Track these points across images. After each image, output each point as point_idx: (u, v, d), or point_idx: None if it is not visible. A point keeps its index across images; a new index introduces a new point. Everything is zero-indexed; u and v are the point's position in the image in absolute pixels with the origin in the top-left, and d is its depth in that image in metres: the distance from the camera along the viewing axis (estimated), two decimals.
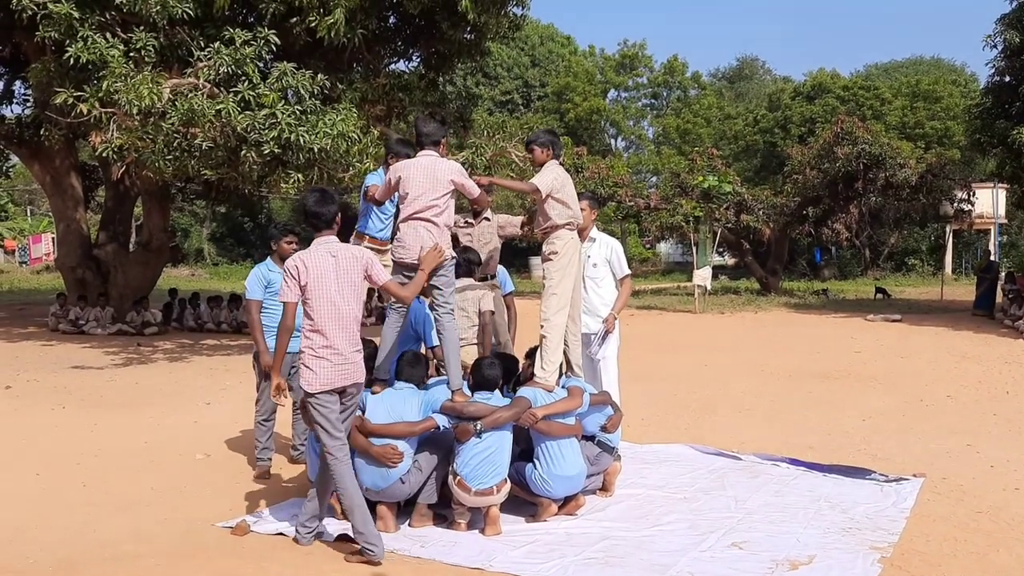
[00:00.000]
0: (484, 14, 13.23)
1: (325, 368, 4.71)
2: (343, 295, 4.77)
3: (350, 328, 4.80)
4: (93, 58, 10.78)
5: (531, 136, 6.16)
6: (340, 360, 4.73)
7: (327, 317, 4.73)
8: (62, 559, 4.71)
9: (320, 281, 4.73)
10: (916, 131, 40.40)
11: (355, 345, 4.83)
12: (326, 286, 4.74)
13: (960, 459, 6.74)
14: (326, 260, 4.78)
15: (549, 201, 5.74)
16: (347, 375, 4.77)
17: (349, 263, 4.83)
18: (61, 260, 17.86)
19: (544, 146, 5.88)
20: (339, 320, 4.75)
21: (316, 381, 4.71)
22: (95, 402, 9.27)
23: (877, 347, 13.81)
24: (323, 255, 4.79)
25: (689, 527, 5.11)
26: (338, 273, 4.78)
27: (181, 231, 39.28)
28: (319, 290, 4.73)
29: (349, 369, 4.77)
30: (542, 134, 6.04)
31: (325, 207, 4.90)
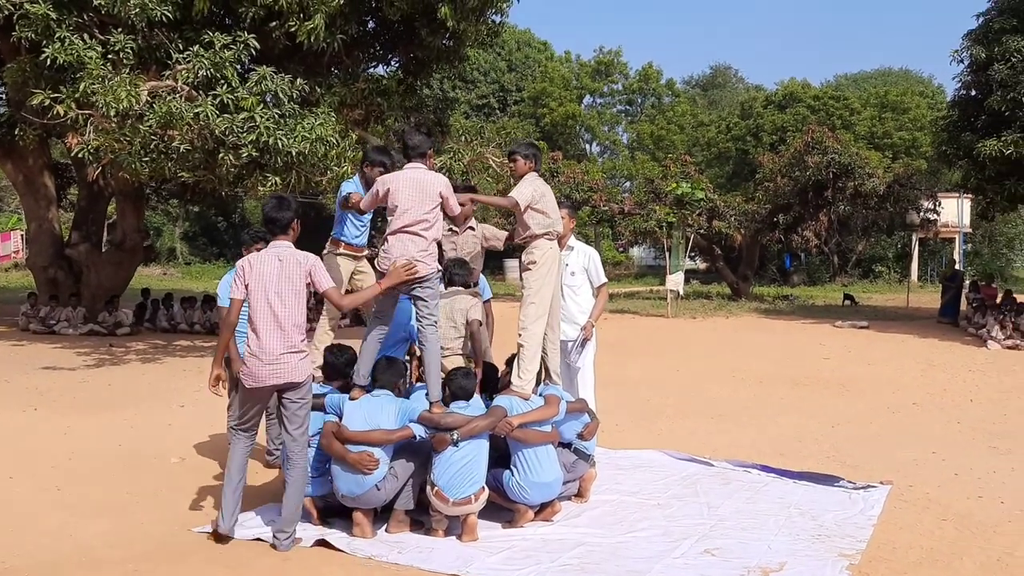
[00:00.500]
0: (463, 21, 13.30)
1: (256, 366, 4.92)
2: (282, 298, 4.94)
3: (286, 330, 4.94)
4: (70, 59, 10.70)
5: (515, 146, 6.20)
6: (270, 360, 4.91)
7: (261, 318, 4.94)
8: (37, 564, 4.69)
9: (260, 282, 4.95)
10: (884, 141, 41.05)
11: (290, 347, 4.96)
12: (265, 288, 4.94)
13: (926, 467, 6.92)
14: (271, 263, 4.98)
15: (528, 211, 5.82)
16: (278, 374, 4.93)
17: (293, 268, 4.99)
18: (32, 259, 17.65)
19: (527, 158, 5.95)
20: (274, 322, 4.93)
21: (250, 379, 4.96)
22: (68, 404, 9.20)
23: (845, 353, 14.06)
24: (270, 258, 5.00)
25: (663, 534, 5.21)
26: (280, 276, 4.95)
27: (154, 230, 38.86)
28: (258, 291, 4.95)
29: (280, 369, 4.93)
30: (526, 146, 6.09)
31: (281, 213, 5.10)
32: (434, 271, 5.47)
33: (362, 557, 4.82)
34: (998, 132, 16.13)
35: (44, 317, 15.89)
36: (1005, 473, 6.74)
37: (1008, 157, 15.76)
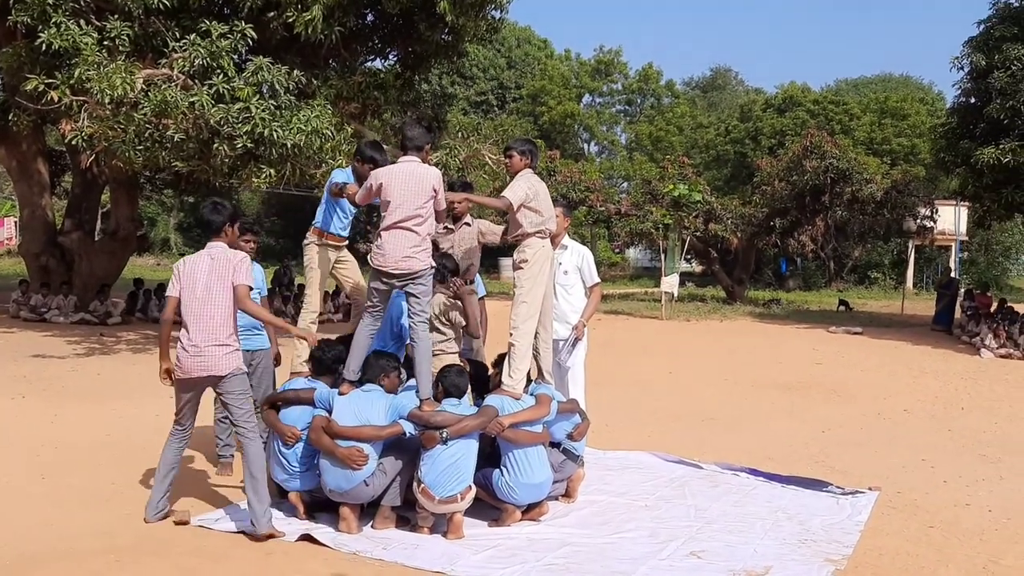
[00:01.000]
0: (462, 16, 13.24)
1: (184, 358, 5.15)
2: (211, 293, 5.16)
3: (213, 325, 5.16)
4: (66, 45, 10.65)
5: (511, 142, 6.16)
6: (196, 352, 5.12)
7: (189, 313, 5.17)
8: (20, 554, 4.65)
9: (190, 279, 5.19)
10: (883, 147, 41.10)
11: (216, 341, 5.15)
12: (195, 284, 5.17)
13: (914, 473, 6.91)
14: (203, 262, 5.23)
15: (521, 210, 5.78)
16: (203, 366, 5.14)
17: (223, 265, 5.21)
18: (25, 246, 17.58)
19: (523, 154, 5.90)
20: (202, 316, 5.15)
21: (179, 370, 5.19)
22: (56, 392, 9.17)
23: (838, 359, 14.06)
24: (202, 257, 5.27)
25: (649, 535, 5.18)
26: (210, 273, 5.18)
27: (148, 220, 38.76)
28: (188, 288, 5.19)
29: (206, 362, 5.13)
30: (522, 142, 6.05)
31: (215, 216, 5.36)
32: (427, 267, 5.43)
33: (347, 553, 4.80)
34: (996, 140, 16.16)
35: (35, 305, 15.83)
36: (993, 481, 6.73)
37: (1006, 165, 15.79)
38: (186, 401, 5.33)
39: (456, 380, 5.39)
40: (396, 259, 5.35)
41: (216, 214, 5.36)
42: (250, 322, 6.34)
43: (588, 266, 6.79)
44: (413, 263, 5.35)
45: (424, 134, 5.76)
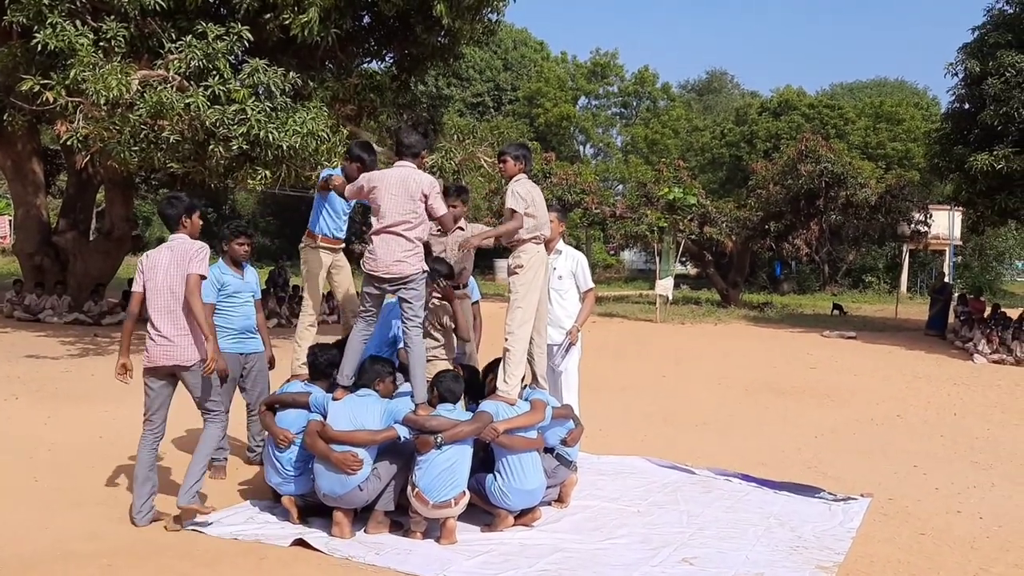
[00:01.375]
0: (458, 19, 13.25)
1: (151, 347, 5.31)
2: (170, 284, 5.28)
3: (176, 314, 5.28)
4: (62, 45, 10.61)
5: (505, 146, 6.16)
6: (164, 342, 5.28)
7: (154, 304, 5.30)
8: (13, 557, 4.65)
9: (152, 272, 5.33)
10: (878, 151, 41.23)
11: (181, 330, 5.29)
12: (156, 277, 5.31)
13: (906, 480, 6.93)
14: (163, 254, 5.36)
15: (517, 216, 5.79)
16: (168, 355, 5.29)
17: (181, 256, 5.31)
18: (19, 246, 17.53)
19: (517, 159, 5.91)
20: (165, 307, 5.28)
21: (146, 361, 5.35)
22: (50, 393, 9.15)
23: (832, 364, 14.09)
24: (163, 250, 5.41)
25: (642, 541, 5.19)
26: (170, 264, 5.30)
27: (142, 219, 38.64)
28: (151, 281, 5.32)
29: (171, 351, 5.28)
30: (516, 147, 6.05)
31: (170, 210, 5.50)
32: (418, 272, 5.43)
33: (339, 558, 4.80)
34: (990, 146, 16.20)
35: (29, 305, 15.79)
36: (985, 488, 6.76)
37: (999, 171, 15.83)
38: (155, 397, 5.44)
39: (451, 385, 5.41)
40: (387, 264, 5.36)
41: (171, 207, 5.49)
42: (244, 325, 6.37)
43: (583, 271, 6.81)
44: (404, 267, 5.36)
45: (420, 141, 5.78)
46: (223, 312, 6.27)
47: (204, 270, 5.33)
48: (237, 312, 6.34)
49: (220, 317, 6.22)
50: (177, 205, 5.51)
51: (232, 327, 6.30)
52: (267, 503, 5.69)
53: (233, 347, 6.29)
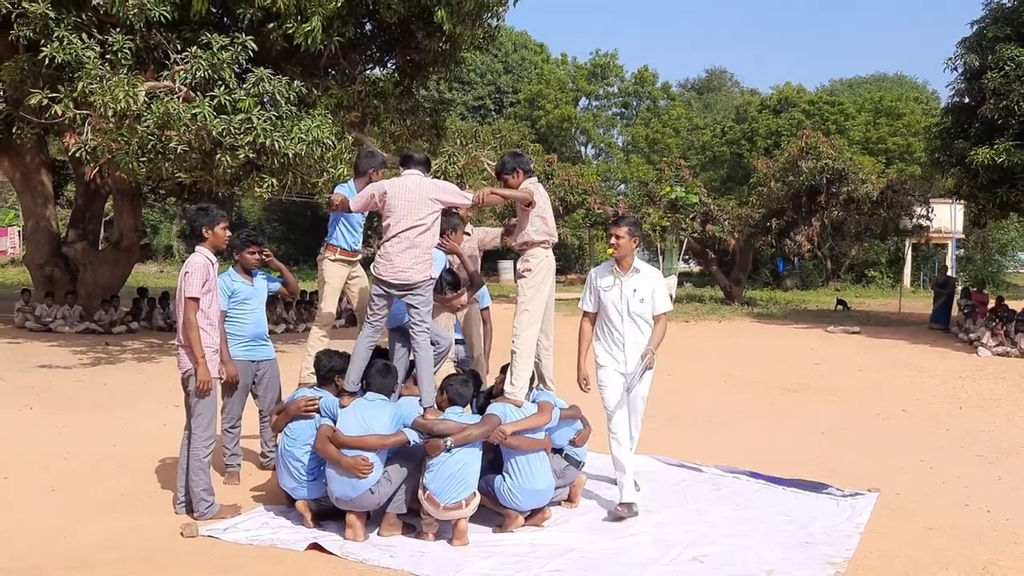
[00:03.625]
0: (459, 25, 13.32)
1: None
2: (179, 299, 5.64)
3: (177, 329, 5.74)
4: (69, 59, 10.72)
5: (499, 167, 6.13)
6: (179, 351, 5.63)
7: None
8: (30, 566, 4.72)
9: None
10: (878, 146, 41.18)
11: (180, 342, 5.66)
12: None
13: (914, 475, 6.99)
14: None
15: (531, 217, 5.85)
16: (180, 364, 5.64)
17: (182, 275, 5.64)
18: (29, 257, 17.63)
19: (512, 171, 5.92)
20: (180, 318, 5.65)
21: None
22: (63, 403, 9.24)
23: (836, 359, 14.14)
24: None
25: (653, 540, 5.26)
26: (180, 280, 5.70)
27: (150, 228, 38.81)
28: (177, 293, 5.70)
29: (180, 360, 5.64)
30: (509, 160, 6.04)
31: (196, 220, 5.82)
32: (426, 279, 5.51)
33: (354, 561, 4.88)
34: (991, 140, 16.24)
35: (40, 315, 15.90)
36: (991, 482, 6.81)
37: (1000, 165, 15.87)
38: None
39: (460, 389, 5.48)
40: (395, 270, 5.45)
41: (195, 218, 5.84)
42: (255, 332, 6.44)
43: (662, 292, 6.04)
44: (412, 274, 5.44)
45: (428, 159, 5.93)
46: (234, 319, 6.33)
47: (188, 291, 5.53)
48: (248, 319, 6.41)
49: (231, 324, 6.29)
50: (200, 217, 5.77)
51: (243, 334, 6.37)
52: (281, 508, 5.77)
53: (245, 354, 6.37)
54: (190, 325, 5.50)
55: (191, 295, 5.50)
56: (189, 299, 5.50)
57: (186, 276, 5.55)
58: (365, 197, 5.76)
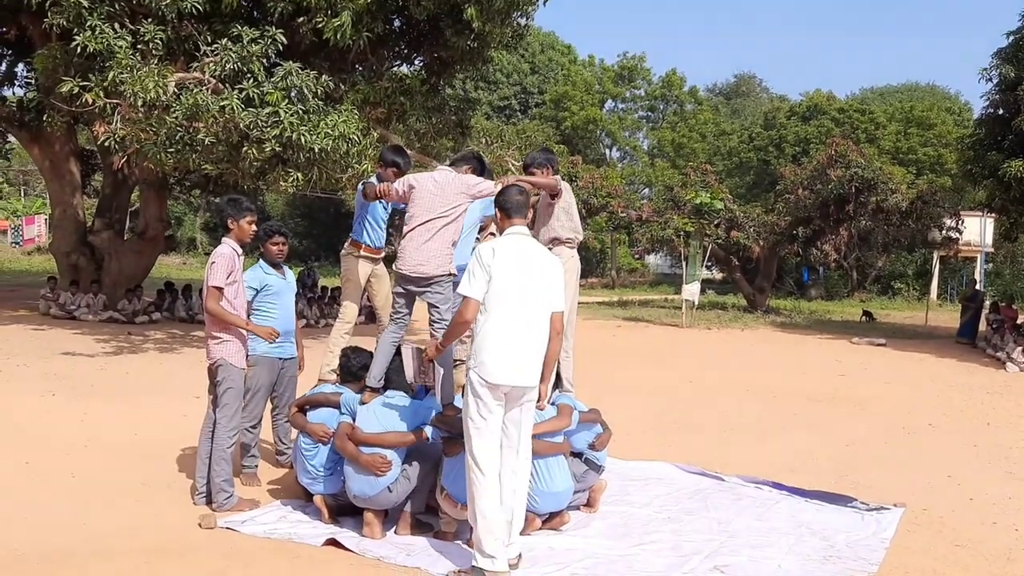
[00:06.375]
0: (489, 23, 13.28)
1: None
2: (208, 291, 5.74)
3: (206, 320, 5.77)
4: (100, 48, 10.79)
5: (527, 160, 6.10)
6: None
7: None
8: (50, 552, 4.72)
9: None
10: (909, 157, 40.79)
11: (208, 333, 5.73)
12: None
13: (941, 490, 6.85)
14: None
15: (556, 211, 5.78)
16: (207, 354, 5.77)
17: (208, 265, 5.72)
18: (56, 245, 17.82)
19: (541, 166, 5.87)
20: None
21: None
22: (86, 390, 9.28)
23: (862, 371, 13.95)
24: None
25: (672, 548, 5.17)
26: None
27: (175, 219, 39.15)
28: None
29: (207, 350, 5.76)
30: (539, 155, 5.99)
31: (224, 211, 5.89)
32: (444, 274, 5.45)
33: (371, 558, 4.84)
34: None
35: (64, 303, 16.05)
36: (1021, 499, 6.66)
37: None
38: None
39: None
40: (413, 263, 5.40)
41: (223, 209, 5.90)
42: (284, 328, 6.35)
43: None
44: (428, 268, 5.38)
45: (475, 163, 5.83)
46: (263, 313, 6.20)
47: (213, 280, 5.56)
48: (277, 314, 6.26)
49: (259, 318, 6.17)
50: (228, 207, 5.81)
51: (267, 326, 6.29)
52: (299, 502, 5.75)
53: (272, 351, 6.22)
54: (216, 312, 5.52)
55: (215, 284, 5.52)
56: (213, 288, 5.52)
57: (212, 266, 5.56)
58: (402, 188, 5.68)
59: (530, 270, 4.67)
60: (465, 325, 4.67)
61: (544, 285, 4.69)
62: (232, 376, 5.64)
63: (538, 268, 4.71)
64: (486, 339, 4.56)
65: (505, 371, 4.52)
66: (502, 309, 4.58)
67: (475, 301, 4.60)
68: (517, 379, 4.55)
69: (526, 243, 4.79)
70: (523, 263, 4.66)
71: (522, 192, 4.94)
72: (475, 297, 4.59)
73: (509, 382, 4.53)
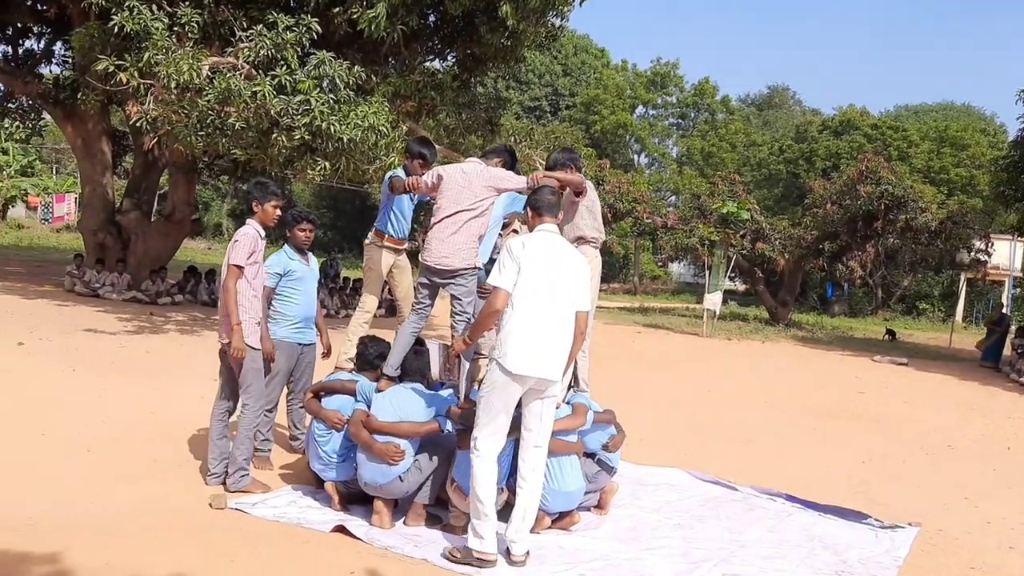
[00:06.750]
0: (523, 21, 13.24)
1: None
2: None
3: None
4: (137, 28, 10.87)
5: (550, 162, 6.04)
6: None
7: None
8: (61, 523, 4.75)
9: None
10: (940, 176, 40.35)
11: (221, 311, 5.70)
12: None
13: (957, 512, 6.76)
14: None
15: (581, 210, 5.75)
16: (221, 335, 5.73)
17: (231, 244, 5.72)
18: (84, 223, 18.00)
19: (564, 166, 5.81)
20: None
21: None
22: (105, 367, 9.35)
23: (882, 389, 13.80)
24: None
25: (681, 554, 5.13)
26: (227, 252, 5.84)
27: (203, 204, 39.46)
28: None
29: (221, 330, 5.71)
30: (561, 155, 5.93)
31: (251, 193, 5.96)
32: (468, 267, 5.43)
33: (379, 547, 4.83)
34: None
35: (89, 280, 16.21)
36: None
37: None
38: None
39: None
40: (438, 255, 5.39)
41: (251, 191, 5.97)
42: (305, 314, 6.36)
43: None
44: (453, 261, 5.37)
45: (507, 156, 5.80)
46: (285, 298, 6.21)
47: (235, 259, 5.54)
48: (299, 299, 6.26)
49: (281, 303, 6.19)
50: (255, 190, 5.86)
51: (292, 315, 6.24)
52: (309, 488, 5.76)
53: (292, 336, 6.23)
54: (228, 292, 5.51)
55: (235, 262, 5.51)
56: (232, 266, 5.51)
57: (234, 244, 5.57)
58: (431, 179, 5.67)
59: (558, 267, 4.73)
60: (495, 315, 4.69)
61: (571, 283, 4.76)
62: (248, 357, 5.61)
63: (566, 266, 4.77)
64: (512, 331, 4.60)
65: (529, 363, 4.56)
66: (529, 302, 4.62)
67: (505, 291, 4.62)
68: (540, 371, 4.59)
69: (555, 240, 4.86)
70: (552, 259, 4.73)
71: (555, 193, 5.05)
72: (505, 287, 4.62)
73: (532, 374, 4.58)
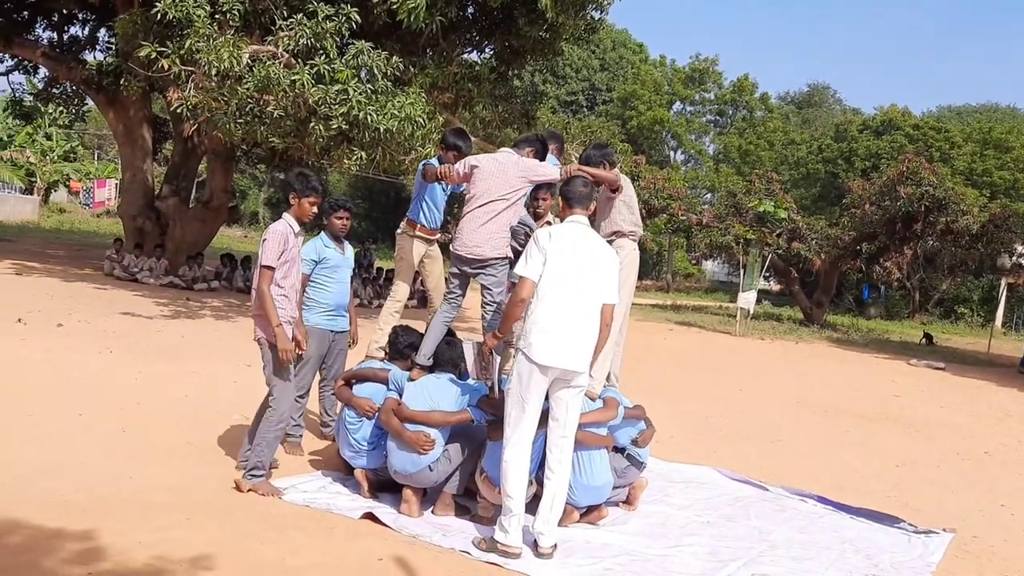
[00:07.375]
0: (562, 14, 13.21)
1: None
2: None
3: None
4: (180, 16, 10.99)
5: (583, 158, 5.97)
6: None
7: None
8: (95, 501, 4.81)
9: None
10: (983, 179, 39.54)
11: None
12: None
13: (992, 519, 6.63)
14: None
15: (618, 204, 5.72)
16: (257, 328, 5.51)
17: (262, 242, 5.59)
18: (123, 208, 18.28)
19: (597, 164, 5.76)
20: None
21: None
22: (142, 350, 9.49)
23: (918, 393, 13.58)
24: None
25: (709, 552, 5.09)
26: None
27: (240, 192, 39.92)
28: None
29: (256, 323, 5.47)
30: (595, 152, 5.88)
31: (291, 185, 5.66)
32: (499, 257, 5.42)
33: (406, 535, 4.84)
34: None
35: (128, 265, 16.46)
36: None
37: None
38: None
39: None
40: (469, 244, 5.39)
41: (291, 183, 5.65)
42: (339, 302, 6.40)
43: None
44: (484, 250, 5.37)
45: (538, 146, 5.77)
46: (319, 285, 6.26)
47: (265, 259, 5.30)
48: (333, 287, 6.31)
49: (315, 290, 6.24)
50: (296, 181, 5.52)
51: (326, 302, 6.29)
52: (339, 475, 5.79)
53: (325, 323, 6.29)
54: (263, 297, 5.29)
55: (266, 263, 5.30)
56: (264, 267, 5.31)
57: (264, 243, 5.33)
58: (464, 169, 5.67)
59: (586, 258, 4.70)
60: (522, 305, 4.67)
61: (599, 276, 4.72)
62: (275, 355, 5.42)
63: (595, 258, 4.74)
64: (537, 321, 4.59)
65: (554, 354, 4.55)
66: (555, 293, 4.60)
67: (531, 281, 4.60)
68: (566, 362, 4.57)
69: (585, 232, 4.81)
70: (580, 250, 4.70)
71: (587, 184, 4.99)
72: (531, 277, 4.61)
73: (558, 364, 4.56)
